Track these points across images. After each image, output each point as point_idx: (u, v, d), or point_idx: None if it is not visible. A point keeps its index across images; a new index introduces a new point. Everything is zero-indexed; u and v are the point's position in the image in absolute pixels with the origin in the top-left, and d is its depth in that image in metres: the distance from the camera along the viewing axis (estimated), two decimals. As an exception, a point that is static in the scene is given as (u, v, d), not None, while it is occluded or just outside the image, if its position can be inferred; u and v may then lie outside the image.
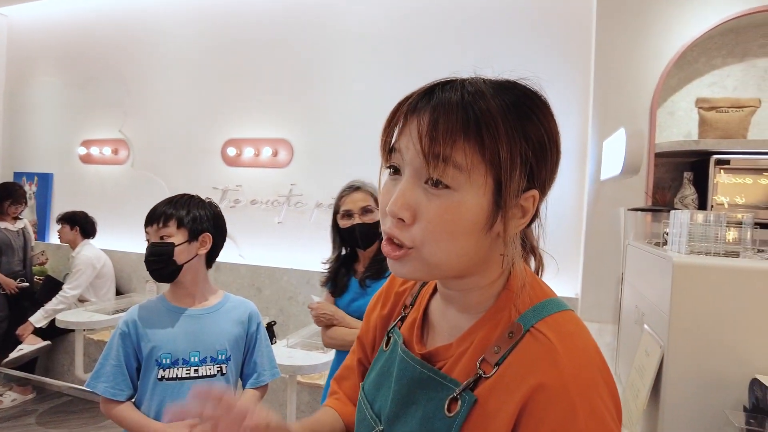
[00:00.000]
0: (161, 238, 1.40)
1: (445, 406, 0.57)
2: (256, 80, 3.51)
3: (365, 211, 1.75)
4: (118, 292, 3.85)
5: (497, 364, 0.55)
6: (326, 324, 1.76)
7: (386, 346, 0.72)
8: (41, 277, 4.07)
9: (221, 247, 1.54)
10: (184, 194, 1.49)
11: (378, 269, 1.75)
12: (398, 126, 0.57)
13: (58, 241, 4.22)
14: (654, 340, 1.15)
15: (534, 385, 0.51)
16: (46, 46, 4.39)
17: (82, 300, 3.60)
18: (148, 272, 1.41)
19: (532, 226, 0.63)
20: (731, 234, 1.16)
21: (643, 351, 1.22)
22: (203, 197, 1.54)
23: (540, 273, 0.67)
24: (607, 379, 0.54)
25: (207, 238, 1.47)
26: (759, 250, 1.14)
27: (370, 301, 0.84)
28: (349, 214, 1.76)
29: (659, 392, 1.09)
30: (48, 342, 3.48)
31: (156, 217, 1.41)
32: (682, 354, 1.05)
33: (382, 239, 0.59)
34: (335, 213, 1.82)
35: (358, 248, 1.80)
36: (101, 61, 4.11)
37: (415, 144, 0.54)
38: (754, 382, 0.97)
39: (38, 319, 3.40)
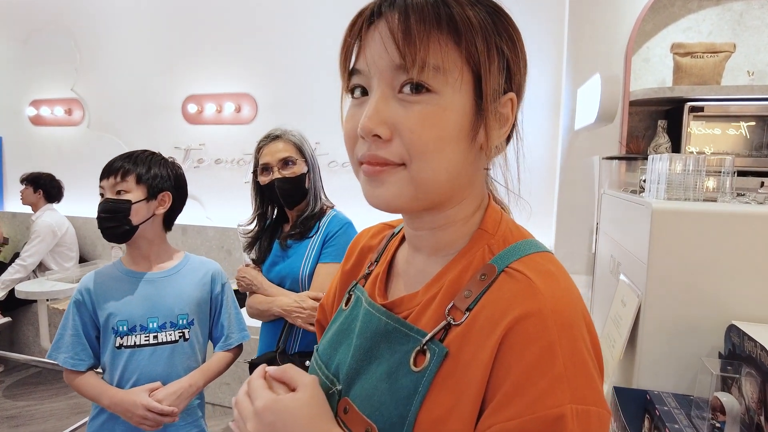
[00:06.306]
0: (117, 193, 1.30)
1: (411, 360, 0.51)
2: (216, 31, 3.30)
3: (286, 163, 1.50)
4: (83, 260, 3.70)
5: (468, 309, 0.50)
6: (246, 290, 1.58)
7: (346, 305, 0.66)
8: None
9: (180, 210, 1.46)
10: (146, 150, 1.40)
11: (303, 229, 1.53)
12: (358, 40, 0.51)
13: (12, 209, 4.02)
14: (631, 290, 1.13)
15: (509, 322, 0.46)
16: (-19, -3, 4.03)
17: (44, 269, 3.45)
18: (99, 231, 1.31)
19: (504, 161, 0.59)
20: (710, 181, 1.12)
21: (620, 301, 1.20)
22: (166, 156, 1.44)
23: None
24: (590, 325, 0.49)
25: (167, 197, 1.39)
26: (738, 194, 1.11)
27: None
28: (267, 168, 1.51)
29: (635, 341, 1.07)
30: (8, 319, 3.36)
31: (113, 170, 1.31)
32: (659, 302, 1.03)
33: (309, 194, 0.52)
34: (255, 168, 1.57)
35: (284, 207, 1.59)
36: (44, 11, 3.78)
37: (387, 45, 0.48)
38: (731, 328, 0.95)
39: None
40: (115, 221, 1.29)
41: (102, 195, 1.32)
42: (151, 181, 1.34)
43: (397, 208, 0.52)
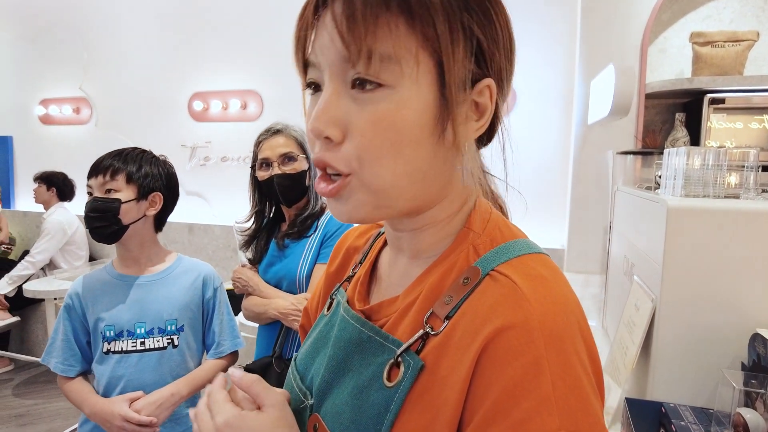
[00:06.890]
0: (106, 192, 1.26)
1: (385, 374, 0.46)
2: (221, 27, 3.26)
3: (286, 159, 1.45)
4: (92, 259, 3.70)
5: (448, 317, 0.44)
6: (242, 291, 1.53)
7: (327, 310, 0.61)
8: (9, 246, 3.91)
9: (171, 210, 1.41)
10: (136, 148, 1.36)
11: (301, 228, 1.48)
12: (312, 32, 0.45)
13: (24, 208, 4.04)
14: (644, 293, 1.05)
15: (489, 334, 0.40)
16: (-10, -4, 4.05)
17: (54, 267, 3.46)
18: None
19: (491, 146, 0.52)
20: (732, 176, 1.04)
21: (633, 304, 1.12)
22: (158, 154, 1.40)
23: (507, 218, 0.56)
24: (588, 338, 0.42)
25: (157, 198, 1.34)
26: (763, 190, 1.02)
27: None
28: (267, 164, 1.46)
29: (650, 349, 0.99)
30: (17, 318, 3.37)
31: (102, 168, 1.26)
32: (675, 307, 0.95)
33: (310, 192, 0.46)
34: (253, 163, 1.53)
35: (281, 204, 1.53)
36: (52, 11, 3.78)
37: (332, 35, 0.42)
38: (756, 337, 0.87)
39: (3, 285, 3.27)
40: (103, 221, 1.25)
41: (90, 194, 1.28)
42: (142, 180, 1.29)
43: (361, 219, 0.47)
